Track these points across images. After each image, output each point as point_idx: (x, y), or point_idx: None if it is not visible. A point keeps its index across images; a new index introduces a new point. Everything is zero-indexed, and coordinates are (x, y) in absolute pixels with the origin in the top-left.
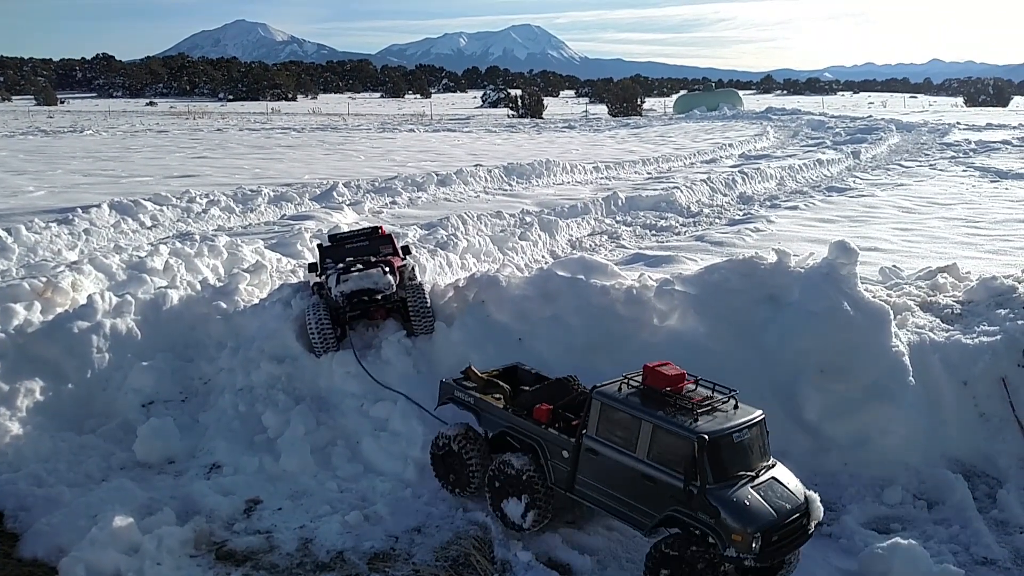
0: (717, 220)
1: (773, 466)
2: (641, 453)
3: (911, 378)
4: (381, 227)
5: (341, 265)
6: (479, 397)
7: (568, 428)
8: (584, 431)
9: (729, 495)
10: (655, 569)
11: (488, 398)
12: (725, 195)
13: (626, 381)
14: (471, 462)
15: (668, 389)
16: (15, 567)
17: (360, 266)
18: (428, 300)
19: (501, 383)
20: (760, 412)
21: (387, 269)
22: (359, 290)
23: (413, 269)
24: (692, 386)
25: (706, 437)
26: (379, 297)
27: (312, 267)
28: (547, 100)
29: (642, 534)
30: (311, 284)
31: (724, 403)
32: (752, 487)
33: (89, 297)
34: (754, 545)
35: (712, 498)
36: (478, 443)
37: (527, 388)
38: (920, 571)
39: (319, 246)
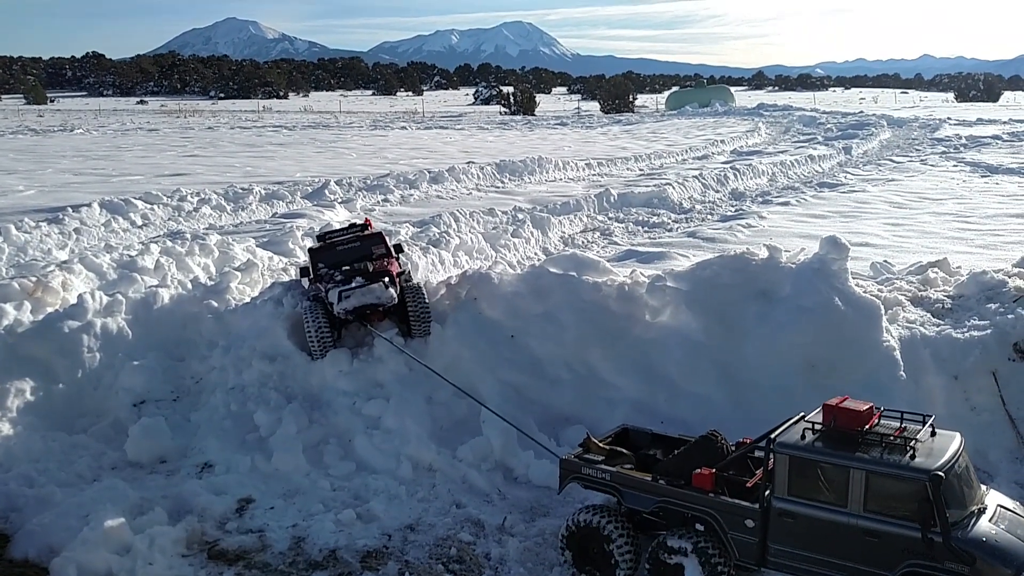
0: (709, 216)
1: (987, 492)
2: (855, 507)
3: (902, 373)
4: (368, 219)
5: (339, 276)
6: (617, 471)
7: (738, 492)
8: (770, 493)
9: (976, 536)
10: None
11: (623, 470)
12: (717, 191)
13: (808, 426)
14: (623, 547)
15: (863, 428)
16: (6, 568)
17: (360, 279)
18: (428, 303)
19: (623, 451)
20: (958, 434)
21: (387, 281)
22: (362, 306)
23: (409, 271)
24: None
25: (941, 475)
26: (380, 309)
27: (304, 271)
28: (539, 97)
29: None
30: (306, 288)
31: (921, 432)
32: (989, 521)
33: (79, 296)
34: None
35: (960, 543)
36: (623, 523)
37: (651, 453)
38: None
39: (309, 249)
